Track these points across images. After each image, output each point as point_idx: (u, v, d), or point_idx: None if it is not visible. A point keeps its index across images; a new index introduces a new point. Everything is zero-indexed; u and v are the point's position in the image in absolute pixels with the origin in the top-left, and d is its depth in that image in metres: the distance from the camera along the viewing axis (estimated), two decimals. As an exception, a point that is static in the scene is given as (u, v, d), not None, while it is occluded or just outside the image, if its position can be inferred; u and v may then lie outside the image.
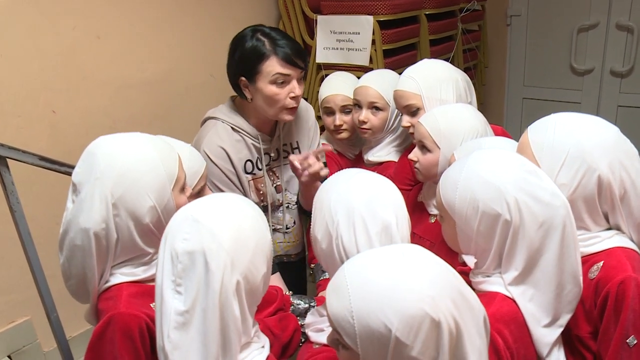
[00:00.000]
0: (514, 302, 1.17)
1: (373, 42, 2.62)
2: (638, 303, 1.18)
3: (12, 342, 2.30)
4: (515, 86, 4.12)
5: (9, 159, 1.67)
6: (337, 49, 2.73)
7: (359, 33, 2.64)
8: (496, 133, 1.68)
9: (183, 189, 1.30)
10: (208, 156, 1.74)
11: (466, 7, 3.23)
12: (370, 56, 2.63)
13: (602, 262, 1.24)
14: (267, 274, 1.08)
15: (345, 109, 2.09)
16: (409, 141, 1.98)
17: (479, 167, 1.16)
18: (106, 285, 1.25)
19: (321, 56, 2.76)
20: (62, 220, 1.23)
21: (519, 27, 3.95)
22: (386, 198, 1.18)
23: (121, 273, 1.25)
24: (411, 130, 1.77)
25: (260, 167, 1.87)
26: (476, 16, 3.43)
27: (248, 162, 1.84)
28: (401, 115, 1.85)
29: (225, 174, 1.78)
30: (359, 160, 2.16)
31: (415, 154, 1.65)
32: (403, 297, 0.85)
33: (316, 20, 2.75)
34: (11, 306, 2.28)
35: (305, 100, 2.01)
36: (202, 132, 1.82)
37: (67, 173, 1.74)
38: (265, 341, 1.12)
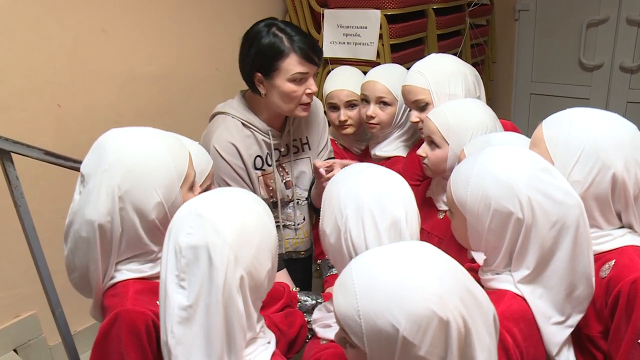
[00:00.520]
0: (524, 300, 1.15)
1: (380, 37, 2.60)
2: (650, 302, 1.16)
3: (18, 336, 2.32)
4: (523, 81, 4.09)
5: (14, 154, 1.66)
6: (344, 43, 2.72)
7: (366, 27, 2.62)
8: (506, 128, 1.66)
9: (192, 188, 1.29)
10: (218, 152, 1.73)
11: (474, 2, 3.21)
12: (377, 51, 2.61)
13: (614, 261, 1.22)
14: (272, 270, 1.07)
15: (350, 104, 2.08)
16: (417, 136, 1.97)
17: (492, 164, 1.14)
18: (112, 281, 1.24)
19: (328, 50, 2.74)
20: (69, 211, 1.23)
21: (528, 22, 3.93)
22: (396, 193, 1.17)
23: (127, 269, 1.24)
24: (420, 125, 1.75)
25: (270, 163, 1.86)
26: (484, 11, 3.41)
27: (258, 158, 1.83)
28: (409, 110, 1.84)
29: (235, 170, 1.77)
30: (366, 155, 2.14)
31: (424, 150, 1.64)
32: (410, 296, 0.84)
33: (323, 14, 2.74)
34: (17, 300, 2.29)
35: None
36: (212, 127, 1.80)
37: (72, 168, 1.73)
38: (271, 337, 1.11)
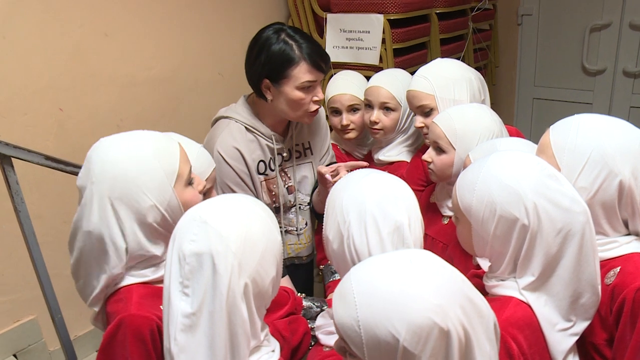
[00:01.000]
0: (529, 307, 1.14)
1: (383, 41, 2.60)
2: (655, 310, 1.15)
3: (18, 341, 2.31)
4: (526, 86, 4.09)
5: (15, 159, 1.65)
6: (347, 48, 2.72)
7: (369, 32, 2.62)
8: (510, 134, 1.66)
9: (190, 183, 1.27)
10: (222, 156, 1.72)
11: (477, 6, 3.22)
12: (380, 55, 2.61)
13: (620, 268, 1.21)
14: (277, 278, 1.07)
15: (352, 109, 2.07)
16: (421, 141, 1.96)
17: (498, 170, 1.13)
18: (115, 287, 1.23)
19: (331, 55, 2.71)
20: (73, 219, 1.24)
21: (530, 27, 3.92)
22: (399, 199, 1.16)
23: (130, 275, 1.23)
24: (424, 130, 1.75)
25: (273, 168, 1.85)
26: (487, 15, 3.41)
27: (261, 163, 1.82)
28: (413, 115, 1.83)
29: (238, 175, 1.76)
30: (368, 160, 2.14)
31: (429, 155, 1.63)
32: (410, 307, 0.82)
33: (326, 18, 2.74)
34: (17, 305, 2.28)
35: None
36: (215, 132, 1.79)
37: (73, 172, 1.72)
38: (275, 345, 1.11)
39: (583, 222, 1.10)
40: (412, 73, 1.86)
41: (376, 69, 2.50)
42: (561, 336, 1.14)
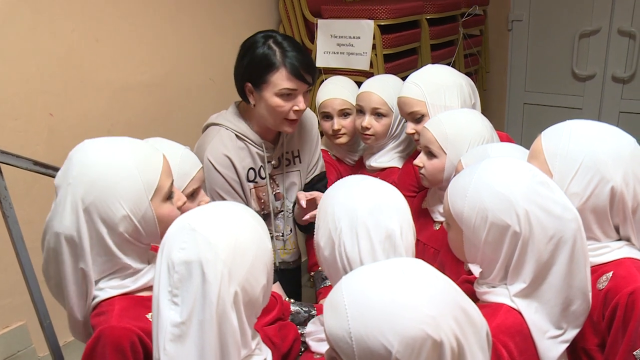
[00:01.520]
0: (520, 314, 1.14)
1: (373, 47, 2.61)
2: (648, 314, 1.15)
3: (7, 347, 2.29)
4: (516, 91, 4.11)
5: (3, 164, 1.64)
6: (338, 53, 2.72)
7: (360, 37, 2.63)
8: (501, 139, 1.66)
9: (169, 198, 1.25)
10: (212, 164, 1.72)
11: (467, 12, 3.23)
12: (370, 61, 2.61)
13: (612, 273, 1.22)
14: (268, 286, 1.06)
15: (343, 113, 2.07)
16: (412, 147, 1.96)
17: (490, 177, 1.13)
18: (96, 300, 1.21)
19: (321, 60, 2.74)
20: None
21: (521, 32, 3.94)
22: (391, 206, 1.16)
23: (110, 287, 1.21)
24: (416, 137, 1.75)
25: (263, 176, 1.84)
26: (477, 21, 3.43)
27: (251, 170, 1.82)
28: (405, 121, 1.83)
29: (228, 183, 1.75)
30: (360, 166, 2.13)
31: (421, 160, 1.63)
32: (403, 318, 0.82)
33: (316, 24, 2.74)
34: (6, 311, 2.26)
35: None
36: (205, 139, 1.78)
37: (62, 178, 1.71)
38: (267, 354, 1.10)
39: (574, 230, 1.10)
40: (403, 79, 1.86)
41: (367, 75, 2.51)
42: (551, 343, 1.14)
